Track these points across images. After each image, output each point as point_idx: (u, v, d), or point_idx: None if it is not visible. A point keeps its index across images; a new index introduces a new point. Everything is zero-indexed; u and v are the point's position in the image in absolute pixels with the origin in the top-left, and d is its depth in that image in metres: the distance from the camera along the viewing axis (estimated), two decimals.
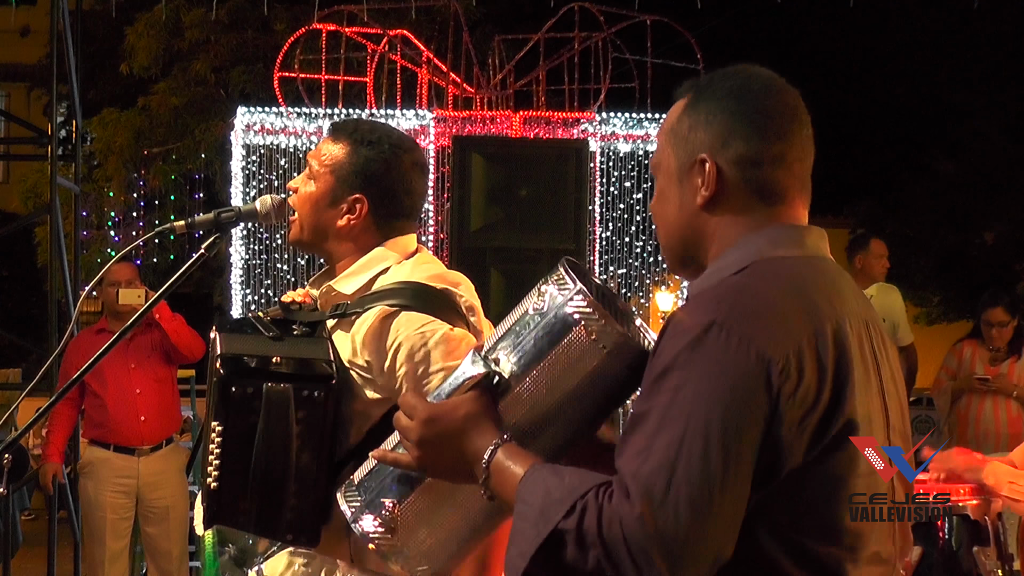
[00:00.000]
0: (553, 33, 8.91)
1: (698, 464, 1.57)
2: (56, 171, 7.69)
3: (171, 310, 6.34)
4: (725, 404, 1.59)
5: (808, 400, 1.62)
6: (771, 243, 1.77)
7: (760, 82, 1.83)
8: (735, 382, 1.60)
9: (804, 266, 1.77)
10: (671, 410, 1.61)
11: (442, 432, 1.81)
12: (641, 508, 1.57)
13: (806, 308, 1.68)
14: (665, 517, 1.56)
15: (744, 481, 1.60)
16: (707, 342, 1.62)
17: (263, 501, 2.56)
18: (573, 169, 6.82)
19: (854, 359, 1.68)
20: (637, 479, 1.59)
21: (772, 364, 1.61)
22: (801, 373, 1.62)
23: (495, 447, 1.76)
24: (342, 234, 2.79)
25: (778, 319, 1.65)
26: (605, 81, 8.66)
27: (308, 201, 2.81)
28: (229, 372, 2.58)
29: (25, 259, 18.03)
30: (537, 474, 1.69)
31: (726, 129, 1.80)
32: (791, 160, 1.81)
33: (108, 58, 14.55)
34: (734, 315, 1.64)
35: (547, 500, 1.65)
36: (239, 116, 8.54)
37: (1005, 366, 7.17)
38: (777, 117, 1.81)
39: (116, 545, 6.33)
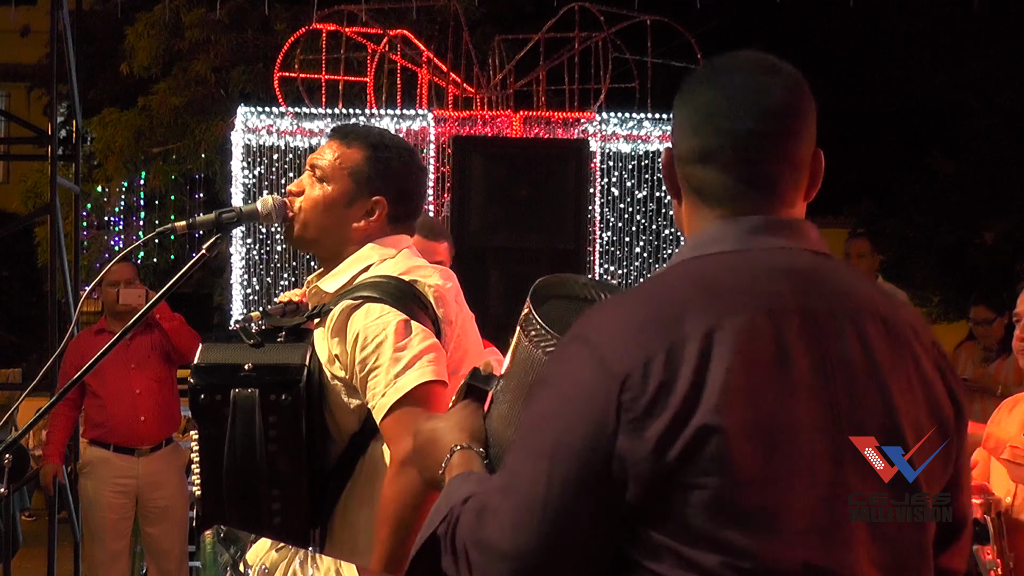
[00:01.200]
0: (553, 33, 8.92)
1: (528, 482, 1.58)
2: (56, 171, 7.69)
3: (171, 310, 6.34)
4: (565, 420, 1.58)
5: (651, 408, 1.54)
6: (693, 246, 1.71)
7: (715, 71, 1.74)
8: (579, 396, 1.58)
9: (717, 264, 1.66)
10: (525, 426, 1.64)
11: (422, 440, 1.90)
12: (477, 520, 1.62)
13: (678, 314, 1.59)
14: (491, 532, 1.59)
15: (582, 501, 1.57)
16: (566, 355, 1.62)
17: (241, 506, 2.59)
18: (573, 169, 6.82)
19: (743, 360, 1.56)
20: (486, 492, 1.65)
21: (615, 377, 1.56)
22: (646, 383, 1.55)
23: (451, 453, 1.82)
24: (355, 235, 2.80)
25: (636, 330, 1.58)
26: (605, 81, 8.67)
27: (321, 202, 2.80)
28: (197, 381, 2.64)
29: (25, 259, 18.05)
30: (454, 480, 1.77)
31: (678, 123, 1.76)
32: (727, 161, 1.69)
33: (108, 58, 14.56)
34: (595, 328, 1.61)
35: (439, 506, 1.73)
36: (239, 116, 8.55)
37: (994, 366, 7.17)
38: (713, 112, 1.70)
39: (116, 545, 6.33)
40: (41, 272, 14.58)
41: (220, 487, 2.59)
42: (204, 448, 2.63)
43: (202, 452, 2.64)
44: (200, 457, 2.64)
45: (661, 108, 8.55)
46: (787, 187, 1.71)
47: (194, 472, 2.66)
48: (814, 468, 1.58)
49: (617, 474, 1.55)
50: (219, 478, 2.58)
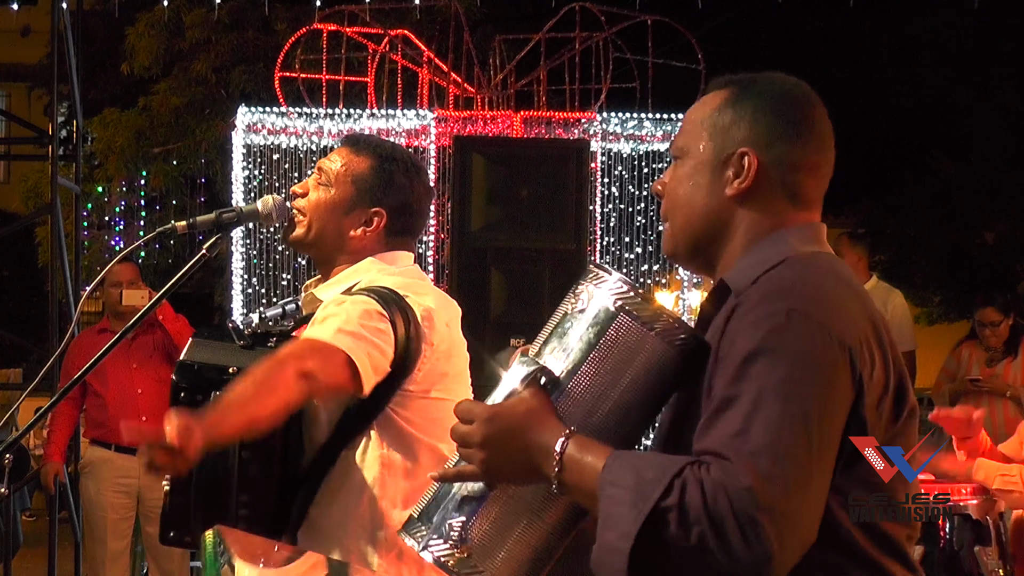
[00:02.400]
0: (554, 33, 8.91)
1: (801, 444, 1.62)
2: (57, 171, 7.69)
3: (174, 311, 6.34)
4: (818, 389, 1.66)
5: (881, 385, 1.71)
6: (800, 240, 1.85)
7: (804, 92, 1.92)
8: (824, 367, 1.67)
9: (832, 260, 1.87)
10: (765, 394, 1.65)
11: (506, 428, 1.77)
12: (751, 482, 1.59)
13: (857, 300, 1.79)
14: (775, 492, 1.59)
15: (832, 464, 1.68)
16: (792, 328, 1.68)
17: (207, 507, 2.60)
18: (574, 169, 6.81)
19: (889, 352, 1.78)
20: (740, 455, 1.61)
21: (852, 350, 1.69)
22: (873, 360, 1.71)
23: (566, 438, 1.73)
24: (351, 244, 2.80)
25: (844, 309, 1.74)
26: (606, 81, 8.65)
27: (323, 205, 2.81)
28: (180, 379, 2.67)
29: (26, 259, 18.02)
30: (622, 458, 1.69)
31: (771, 130, 1.86)
32: (824, 171, 1.91)
33: (109, 58, 14.54)
34: (809, 303, 1.71)
35: (640, 481, 1.64)
36: (240, 116, 8.54)
37: (1001, 366, 7.16)
38: (820, 128, 1.90)
39: (117, 545, 6.33)
40: (42, 272, 14.57)
41: (189, 486, 2.59)
42: None
43: None
44: None
45: (662, 108, 8.55)
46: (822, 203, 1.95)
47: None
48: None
49: (854, 433, 1.71)
50: (189, 477, 2.56)
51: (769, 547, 1.56)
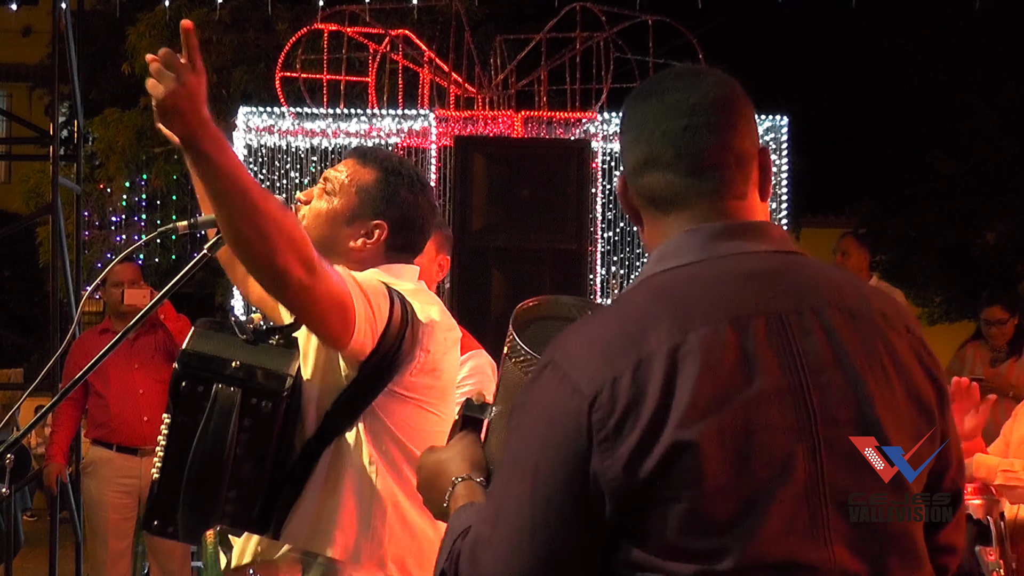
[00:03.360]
0: (555, 33, 8.92)
1: (516, 507, 1.60)
2: (58, 171, 7.69)
3: (175, 311, 6.35)
4: (542, 444, 1.61)
5: (621, 427, 1.56)
6: (656, 260, 1.74)
7: (642, 91, 1.81)
8: (552, 420, 1.60)
9: (679, 277, 1.69)
10: (507, 452, 1.67)
11: (426, 473, 1.94)
12: (469, 553, 1.65)
13: (642, 331, 1.61)
14: (485, 565, 1.62)
15: (567, 523, 1.59)
16: (539, 381, 1.65)
17: (195, 500, 2.57)
18: (575, 169, 6.81)
19: (709, 370, 1.58)
20: (477, 523, 1.67)
21: (584, 398, 1.58)
22: (614, 403, 1.57)
23: (453, 485, 1.85)
24: (351, 255, 2.79)
25: (603, 350, 1.61)
26: (607, 81, 8.67)
27: (324, 215, 2.81)
28: (183, 367, 2.64)
29: (27, 259, 18.05)
30: (457, 513, 1.80)
31: (623, 146, 1.82)
32: (670, 160, 1.73)
33: (110, 58, 14.56)
34: (564, 352, 1.64)
35: (445, 540, 1.75)
36: (241, 116, 8.55)
37: (1004, 367, 7.16)
38: (647, 121, 1.76)
39: (118, 545, 6.34)
40: (43, 272, 14.57)
41: (180, 476, 2.57)
42: (173, 435, 2.62)
43: (170, 438, 2.62)
44: (167, 443, 2.62)
45: None
46: (735, 179, 1.73)
47: (157, 457, 2.65)
48: (791, 467, 1.60)
49: (595, 493, 1.58)
50: (181, 468, 2.56)
51: None
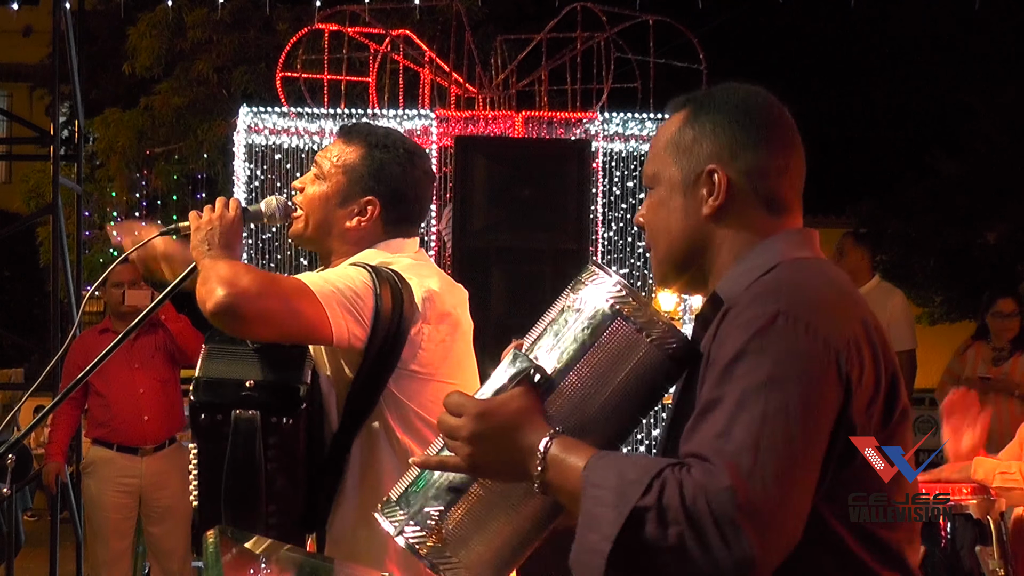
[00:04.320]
0: (555, 33, 8.91)
1: (782, 444, 1.61)
2: (58, 171, 7.70)
3: (176, 311, 6.35)
4: (802, 387, 1.64)
5: (871, 387, 1.70)
6: (789, 246, 1.84)
7: (762, 97, 1.90)
8: (809, 367, 1.65)
9: (824, 265, 1.85)
10: (748, 394, 1.64)
11: (495, 426, 1.78)
12: (730, 480, 1.57)
13: (849, 302, 1.77)
14: (755, 491, 1.57)
15: (819, 463, 1.66)
16: (776, 330, 1.67)
17: (238, 518, 2.59)
18: (575, 169, 6.81)
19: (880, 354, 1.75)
20: (721, 455, 1.61)
21: (840, 352, 1.67)
22: (862, 361, 1.69)
23: (551, 438, 1.74)
24: (348, 235, 2.80)
25: (834, 310, 1.72)
26: (607, 81, 8.66)
27: (317, 199, 2.82)
28: (199, 399, 2.62)
29: (27, 259, 18.04)
30: (604, 459, 1.69)
31: (734, 141, 1.85)
32: (795, 172, 1.89)
33: (110, 58, 14.54)
34: (797, 305, 1.69)
35: (621, 481, 1.63)
36: (241, 116, 8.55)
37: (1008, 365, 7.15)
38: (783, 130, 1.88)
39: (119, 545, 6.34)
40: (43, 272, 14.58)
41: (218, 500, 2.59)
42: (204, 463, 2.63)
43: (201, 466, 2.63)
44: (199, 471, 2.64)
45: (663, 108, 8.52)
46: (801, 204, 1.93)
47: (191, 482, 2.67)
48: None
49: (846, 443, 1.69)
50: (217, 492, 2.59)
51: (750, 548, 1.55)
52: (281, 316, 2.52)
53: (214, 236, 2.66)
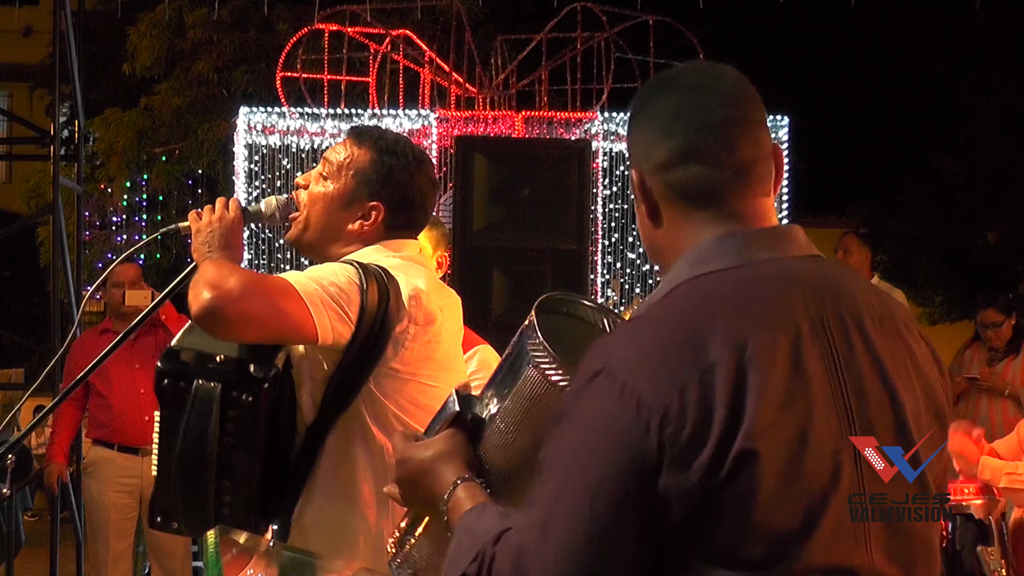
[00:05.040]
0: (555, 33, 8.92)
1: (571, 520, 1.55)
2: (59, 171, 7.70)
3: (176, 311, 6.35)
4: (603, 457, 1.55)
5: (694, 441, 1.54)
6: (696, 262, 1.68)
7: (664, 81, 1.77)
8: (615, 432, 1.55)
9: (722, 282, 1.66)
10: (553, 461, 1.59)
11: (411, 471, 1.84)
12: (514, 562, 1.57)
13: (700, 339, 1.58)
14: (537, 571, 1.55)
15: (623, 536, 1.56)
16: (592, 390, 1.58)
17: (188, 492, 2.61)
18: (575, 169, 6.81)
19: (769, 379, 1.58)
20: (519, 531, 1.59)
21: (653, 412, 1.54)
22: (685, 416, 1.54)
23: (454, 486, 1.77)
24: (350, 237, 2.80)
25: (665, 360, 1.57)
26: (607, 81, 8.67)
27: (321, 200, 2.81)
28: (164, 365, 2.64)
29: (27, 259, 18.03)
30: (467, 515, 1.70)
31: (641, 139, 1.74)
32: (709, 151, 1.69)
33: (110, 58, 14.55)
34: (620, 361, 1.58)
35: (461, 546, 1.66)
36: (241, 116, 8.55)
37: (1001, 366, 7.16)
38: (681, 112, 1.71)
39: (119, 545, 6.34)
40: (43, 272, 14.56)
41: (171, 470, 2.62)
42: (163, 431, 2.65)
43: (161, 434, 2.66)
44: (159, 440, 2.65)
45: None
46: (762, 175, 1.72)
47: (153, 455, 2.69)
48: (839, 475, 1.61)
49: (661, 506, 1.55)
50: (171, 462, 2.61)
51: None
52: (264, 317, 2.53)
53: (214, 237, 2.66)
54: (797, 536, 1.57)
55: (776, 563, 1.57)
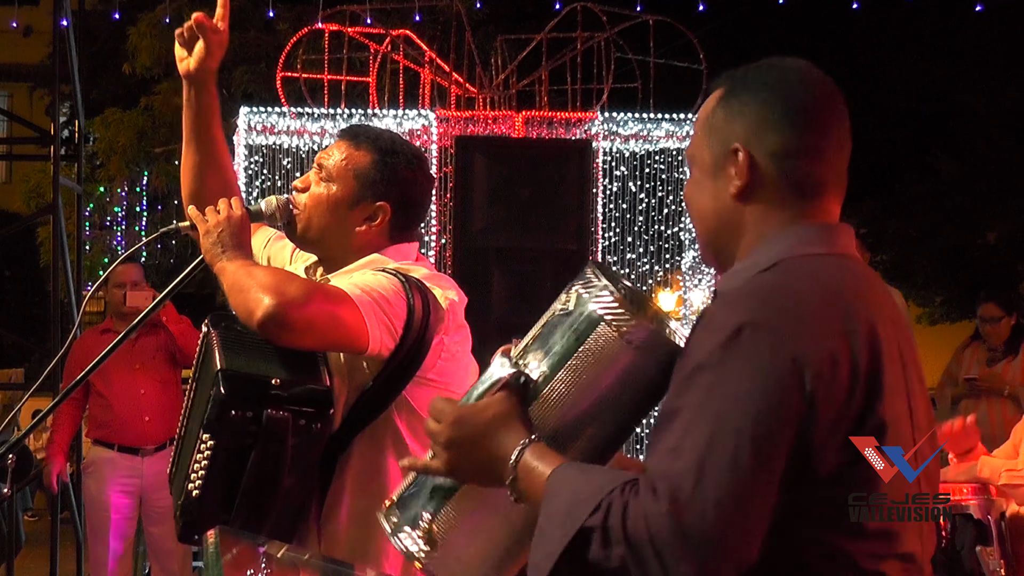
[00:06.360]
0: (555, 33, 8.92)
1: (727, 465, 1.56)
2: (59, 171, 7.70)
3: (177, 312, 6.34)
4: (758, 406, 1.58)
5: (841, 403, 1.62)
6: (801, 241, 1.76)
7: (796, 74, 1.83)
8: (768, 384, 1.59)
9: (834, 265, 1.75)
10: (702, 409, 1.59)
11: (470, 433, 1.78)
12: (668, 506, 1.54)
13: (840, 307, 1.67)
14: (692, 516, 1.54)
15: (773, 484, 1.59)
16: (740, 342, 1.61)
17: (247, 519, 2.56)
18: (575, 169, 6.82)
19: (886, 360, 1.67)
20: (666, 477, 1.57)
21: (806, 367, 1.60)
22: (835, 375, 1.61)
23: (523, 447, 1.72)
24: (355, 239, 2.78)
25: (812, 319, 1.64)
26: (607, 81, 8.66)
27: (325, 201, 2.79)
28: (230, 393, 2.52)
29: (28, 259, 18.05)
30: (565, 472, 1.67)
31: (761, 120, 1.79)
32: (827, 153, 1.82)
33: (111, 58, 14.56)
34: (768, 315, 1.63)
35: (574, 498, 1.62)
36: (242, 116, 8.55)
37: (1000, 366, 7.15)
38: (812, 109, 1.81)
39: (119, 545, 6.34)
40: (43, 272, 14.58)
41: (227, 496, 2.55)
42: (220, 457, 2.55)
43: (216, 460, 2.55)
44: (212, 463, 2.55)
45: (664, 108, 8.56)
46: (845, 181, 1.88)
47: (195, 474, 2.59)
48: (915, 463, 1.74)
49: (807, 461, 1.62)
50: (229, 487, 2.54)
51: (688, 574, 1.53)
52: (326, 324, 2.50)
53: (226, 237, 2.64)
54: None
55: (884, 541, 1.68)
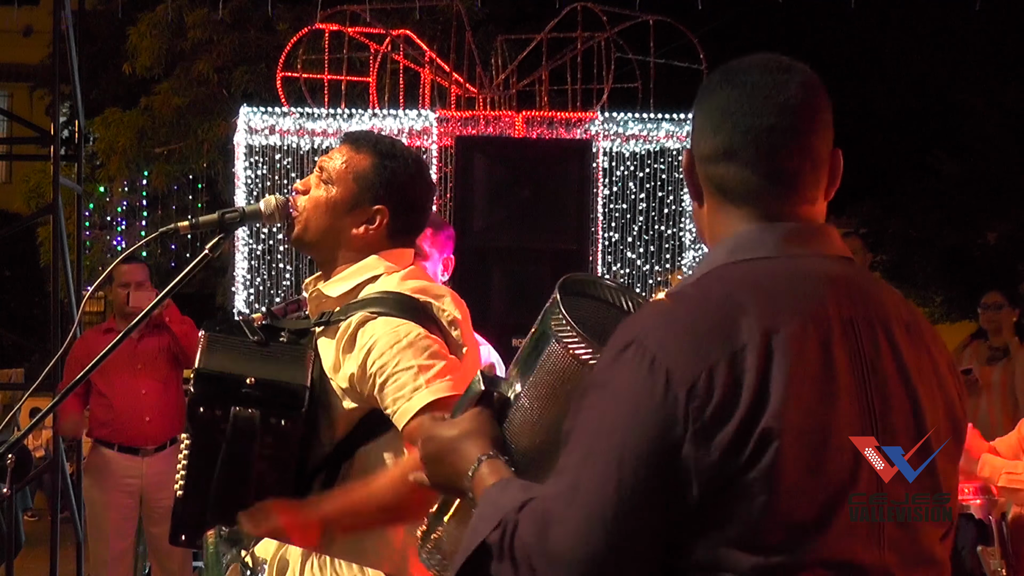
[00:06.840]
0: (556, 33, 8.92)
1: (595, 487, 1.58)
2: (59, 171, 7.70)
3: (180, 312, 6.34)
4: (629, 424, 1.58)
5: (718, 417, 1.58)
6: (729, 250, 1.72)
7: (731, 73, 1.77)
8: (643, 403, 1.59)
9: (759, 271, 1.69)
10: (583, 429, 1.62)
11: (437, 449, 1.85)
12: (542, 527, 1.59)
13: (733, 321, 1.62)
14: (559, 537, 1.57)
15: (647, 506, 1.59)
16: (622, 361, 1.62)
17: (225, 513, 2.60)
18: (576, 169, 6.82)
19: (793, 368, 1.60)
20: (544, 498, 1.62)
21: (681, 385, 1.58)
22: (711, 392, 1.58)
23: (479, 462, 1.77)
24: (353, 242, 2.78)
25: (697, 337, 1.61)
26: (608, 81, 8.66)
27: (323, 204, 2.79)
28: (199, 392, 2.62)
29: (28, 259, 18.05)
30: (492, 488, 1.72)
31: (696, 125, 1.79)
32: (748, 157, 1.72)
33: (111, 58, 14.56)
34: (652, 334, 1.62)
35: (486, 513, 1.69)
36: (242, 116, 8.55)
37: (1000, 365, 7.16)
38: (732, 110, 1.73)
39: (120, 545, 6.34)
40: (43, 272, 14.59)
41: (205, 494, 2.61)
42: (195, 456, 2.64)
43: (192, 459, 2.65)
44: (189, 463, 2.65)
45: (664, 108, 8.56)
46: (808, 183, 1.75)
47: (179, 474, 2.68)
48: (858, 472, 1.64)
49: (682, 480, 1.58)
50: (205, 486, 2.60)
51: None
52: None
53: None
54: (813, 527, 1.61)
55: (790, 551, 1.60)
